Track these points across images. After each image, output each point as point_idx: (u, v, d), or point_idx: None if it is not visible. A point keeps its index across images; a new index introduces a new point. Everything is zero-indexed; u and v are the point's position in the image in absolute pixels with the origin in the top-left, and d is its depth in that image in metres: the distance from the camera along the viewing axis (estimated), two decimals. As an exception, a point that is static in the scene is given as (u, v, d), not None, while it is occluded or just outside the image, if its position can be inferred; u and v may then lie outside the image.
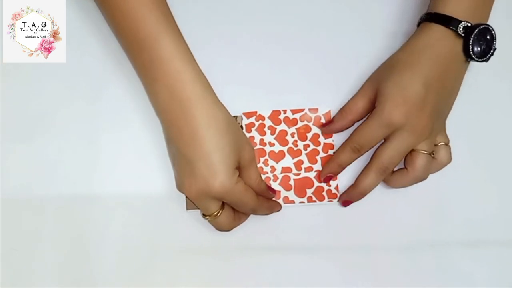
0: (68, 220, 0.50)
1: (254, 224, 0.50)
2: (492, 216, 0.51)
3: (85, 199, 0.50)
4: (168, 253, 0.49)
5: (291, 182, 0.51)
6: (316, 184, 0.50)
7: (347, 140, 0.49)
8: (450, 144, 0.49)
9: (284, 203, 0.50)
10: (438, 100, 0.47)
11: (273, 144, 0.51)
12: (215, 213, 0.46)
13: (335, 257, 0.50)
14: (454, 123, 0.50)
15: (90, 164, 0.50)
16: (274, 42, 0.52)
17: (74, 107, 0.51)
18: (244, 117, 0.51)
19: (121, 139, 0.51)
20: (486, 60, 0.48)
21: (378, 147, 0.48)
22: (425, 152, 0.47)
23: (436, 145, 0.49)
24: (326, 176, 0.50)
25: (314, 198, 0.50)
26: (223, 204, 0.46)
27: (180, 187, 0.46)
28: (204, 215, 0.47)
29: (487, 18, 0.49)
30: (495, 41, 0.47)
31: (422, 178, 0.49)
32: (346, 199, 0.50)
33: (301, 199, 0.50)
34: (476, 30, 0.46)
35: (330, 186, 0.50)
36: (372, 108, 0.48)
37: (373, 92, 0.48)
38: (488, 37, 0.47)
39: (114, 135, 0.51)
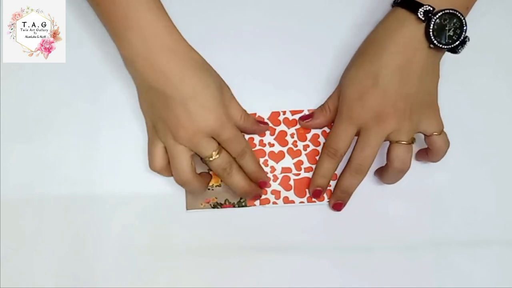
0: (68, 220, 0.50)
1: (253, 224, 0.50)
2: (492, 215, 0.51)
3: (85, 199, 0.50)
4: (168, 253, 0.49)
5: (291, 182, 0.51)
6: (316, 184, 0.51)
7: (322, 148, 0.50)
8: (451, 143, 0.49)
9: (284, 203, 0.50)
10: (404, 88, 0.46)
11: (273, 145, 0.51)
12: (214, 152, 0.46)
13: (335, 257, 0.50)
14: (454, 123, 0.50)
15: (90, 164, 0.50)
16: (274, 42, 0.52)
17: (74, 107, 0.51)
18: None
19: (121, 139, 0.51)
20: (456, 49, 0.45)
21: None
22: (403, 143, 0.47)
23: (428, 136, 0.48)
24: (315, 190, 0.50)
25: (314, 198, 0.50)
26: (220, 149, 0.47)
27: (175, 131, 0.45)
28: (204, 158, 0.46)
29: (466, 7, 0.47)
30: (465, 28, 0.45)
31: (402, 169, 0.47)
32: (335, 202, 0.50)
33: (301, 199, 0.50)
34: (439, 15, 0.44)
35: (330, 186, 0.50)
36: None
37: None
38: (456, 23, 0.45)
39: (114, 135, 0.51)
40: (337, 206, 0.50)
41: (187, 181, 0.47)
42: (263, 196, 0.50)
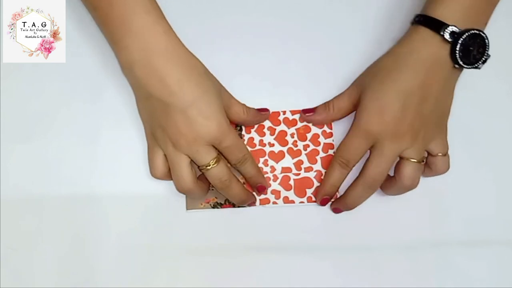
0: (68, 220, 0.50)
1: (253, 224, 0.50)
2: (491, 215, 0.51)
3: (85, 199, 0.50)
4: (168, 253, 0.49)
5: (291, 182, 0.51)
6: (316, 184, 0.50)
7: (334, 156, 0.49)
8: (449, 144, 0.49)
9: (284, 203, 0.50)
10: (422, 107, 0.46)
11: (273, 145, 0.51)
12: (212, 161, 0.46)
13: (335, 257, 0.50)
14: (454, 123, 0.50)
15: (90, 164, 0.50)
16: (273, 42, 0.52)
17: (74, 107, 0.51)
18: None
19: (121, 139, 0.51)
20: (477, 67, 0.46)
21: (366, 160, 0.48)
22: (414, 160, 0.47)
23: (433, 155, 0.48)
24: (323, 198, 0.49)
25: (314, 198, 0.50)
26: (218, 159, 0.46)
27: (175, 139, 0.45)
28: (201, 167, 0.46)
29: (484, 23, 0.47)
30: (488, 48, 0.45)
31: (411, 186, 0.48)
32: (337, 207, 0.50)
33: (301, 199, 0.50)
34: (464, 36, 0.44)
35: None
36: (353, 111, 0.49)
37: (357, 97, 0.48)
38: (479, 43, 0.45)
39: (114, 135, 0.51)
40: (337, 210, 0.50)
41: (188, 189, 0.47)
42: (263, 196, 0.50)
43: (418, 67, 0.46)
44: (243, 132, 0.51)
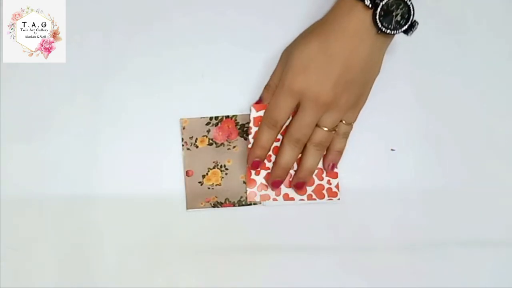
0: (68, 220, 0.50)
1: (254, 224, 0.50)
2: (491, 215, 0.51)
3: (85, 199, 0.50)
4: (168, 253, 0.49)
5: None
6: (317, 182, 0.50)
7: (262, 118, 0.49)
8: (451, 144, 0.49)
9: (284, 200, 0.50)
10: (345, 73, 0.46)
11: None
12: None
13: (335, 256, 0.50)
14: (453, 123, 0.50)
15: (90, 164, 0.50)
16: (274, 40, 0.52)
17: (74, 107, 0.51)
18: (253, 109, 0.50)
19: (121, 139, 0.51)
20: (406, 33, 0.45)
21: (290, 120, 0.49)
22: (325, 129, 0.48)
23: (341, 121, 0.49)
24: (254, 161, 0.49)
25: (314, 196, 0.50)
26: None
27: None
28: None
29: None
30: (413, 12, 0.45)
31: (317, 147, 0.49)
32: (273, 180, 0.49)
33: (301, 197, 0.50)
34: (385, 1, 0.44)
35: (330, 184, 0.50)
36: None
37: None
38: (404, 9, 0.45)
39: (114, 135, 0.51)
40: (275, 183, 0.50)
41: None
42: (263, 192, 0.50)
43: (343, 34, 0.46)
44: (251, 124, 0.50)
